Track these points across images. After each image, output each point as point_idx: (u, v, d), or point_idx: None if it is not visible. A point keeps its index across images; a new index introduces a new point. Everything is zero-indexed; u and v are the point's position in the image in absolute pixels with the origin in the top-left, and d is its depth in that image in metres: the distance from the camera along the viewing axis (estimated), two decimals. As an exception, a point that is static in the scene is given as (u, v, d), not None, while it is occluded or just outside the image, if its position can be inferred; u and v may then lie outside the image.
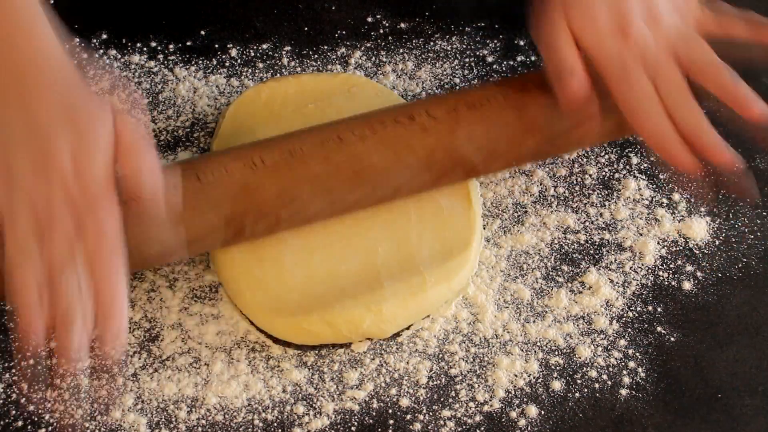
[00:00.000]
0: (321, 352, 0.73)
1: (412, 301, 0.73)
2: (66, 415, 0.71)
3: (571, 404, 0.70)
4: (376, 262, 0.75)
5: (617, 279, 0.76)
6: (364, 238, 0.76)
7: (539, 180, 0.81)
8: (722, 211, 0.79)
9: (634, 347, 0.72)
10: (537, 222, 0.79)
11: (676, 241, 0.78)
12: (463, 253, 0.75)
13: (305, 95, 0.83)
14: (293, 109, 0.83)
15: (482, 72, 0.88)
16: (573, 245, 0.78)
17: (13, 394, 0.72)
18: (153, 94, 0.88)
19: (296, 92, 0.84)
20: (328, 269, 0.75)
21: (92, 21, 0.93)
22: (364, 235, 0.76)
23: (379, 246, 0.76)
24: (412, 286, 0.73)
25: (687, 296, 0.75)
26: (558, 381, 0.71)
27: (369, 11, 0.92)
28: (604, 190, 0.80)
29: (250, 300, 0.74)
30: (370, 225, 0.76)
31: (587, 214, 0.79)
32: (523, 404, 0.70)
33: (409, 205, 0.77)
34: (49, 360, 0.63)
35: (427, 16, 0.91)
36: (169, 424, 0.70)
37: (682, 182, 0.73)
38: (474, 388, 0.71)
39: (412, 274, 0.74)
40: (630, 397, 0.70)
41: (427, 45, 0.90)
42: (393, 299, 0.73)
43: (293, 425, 0.70)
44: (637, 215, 0.79)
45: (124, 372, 0.73)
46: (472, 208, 0.77)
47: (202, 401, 0.71)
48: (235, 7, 0.93)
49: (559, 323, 0.74)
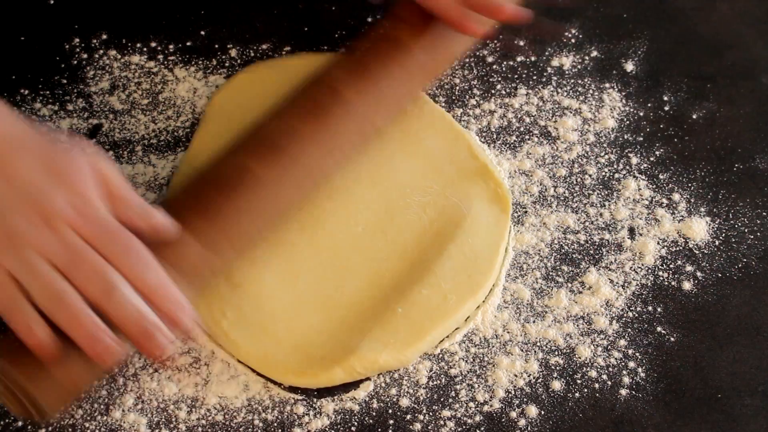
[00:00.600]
0: (321, 352, 0.73)
1: (432, 324, 0.71)
2: (66, 415, 0.71)
3: (571, 404, 0.70)
4: (384, 283, 0.72)
5: (617, 279, 0.76)
6: (368, 259, 0.73)
7: (539, 180, 0.81)
8: (722, 211, 0.79)
9: (634, 347, 0.72)
10: (537, 222, 0.79)
11: (676, 241, 0.78)
12: (490, 261, 0.74)
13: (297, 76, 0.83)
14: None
15: (482, 72, 0.88)
16: (573, 245, 0.78)
17: (13, 394, 0.72)
18: (153, 94, 0.88)
19: (283, 78, 0.82)
20: (329, 304, 0.72)
21: (92, 21, 0.93)
22: (369, 255, 0.74)
23: (386, 264, 0.73)
24: (432, 306, 0.71)
25: (687, 296, 0.75)
26: (558, 381, 0.71)
27: (369, 11, 0.92)
28: (604, 190, 0.80)
29: (252, 355, 0.71)
30: (375, 239, 0.74)
31: (587, 214, 0.79)
32: (523, 404, 0.70)
33: (422, 213, 0.75)
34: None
35: (427, 16, 0.91)
36: (169, 424, 0.70)
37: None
38: (474, 388, 0.71)
39: (431, 292, 0.72)
40: (630, 397, 0.70)
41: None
42: (409, 327, 0.70)
43: (293, 425, 0.70)
44: (637, 215, 0.79)
45: (124, 372, 0.73)
46: (504, 208, 0.76)
47: (202, 401, 0.71)
48: (235, 7, 0.93)
49: (559, 323, 0.74)
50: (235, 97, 0.85)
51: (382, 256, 0.74)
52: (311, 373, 0.70)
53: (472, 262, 0.74)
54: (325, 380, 0.70)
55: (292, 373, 0.70)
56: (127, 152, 0.85)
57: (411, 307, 0.71)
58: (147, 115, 0.87)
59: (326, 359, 0.70)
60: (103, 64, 0.90)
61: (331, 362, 0.70)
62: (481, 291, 0.73)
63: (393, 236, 0.75)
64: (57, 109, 0.87)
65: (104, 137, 0.86)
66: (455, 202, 0.76)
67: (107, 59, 0.90)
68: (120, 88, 0.88)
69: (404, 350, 0.70)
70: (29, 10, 0.94)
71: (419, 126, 0.81)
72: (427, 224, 0.75)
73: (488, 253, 0.74)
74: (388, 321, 0.71)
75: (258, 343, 0.71)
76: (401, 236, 0.75)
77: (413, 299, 0.72)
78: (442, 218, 0.76)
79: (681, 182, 0.80)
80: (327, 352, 0.70)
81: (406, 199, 0.77)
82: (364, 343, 0.70)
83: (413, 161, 0.79)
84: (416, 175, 0.78)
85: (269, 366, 0.70)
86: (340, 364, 0.69)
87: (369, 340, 0.70)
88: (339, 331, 0.71)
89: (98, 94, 0.88)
